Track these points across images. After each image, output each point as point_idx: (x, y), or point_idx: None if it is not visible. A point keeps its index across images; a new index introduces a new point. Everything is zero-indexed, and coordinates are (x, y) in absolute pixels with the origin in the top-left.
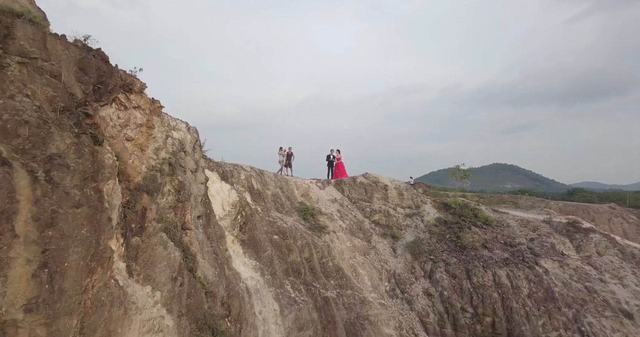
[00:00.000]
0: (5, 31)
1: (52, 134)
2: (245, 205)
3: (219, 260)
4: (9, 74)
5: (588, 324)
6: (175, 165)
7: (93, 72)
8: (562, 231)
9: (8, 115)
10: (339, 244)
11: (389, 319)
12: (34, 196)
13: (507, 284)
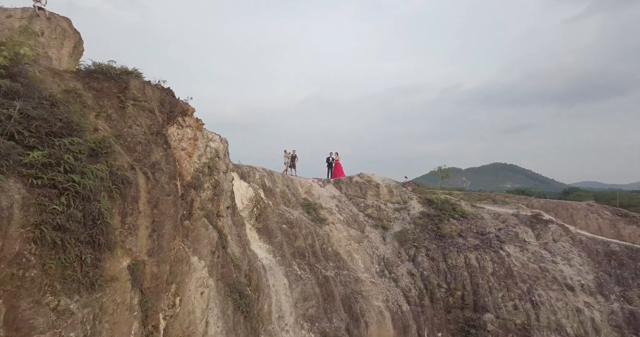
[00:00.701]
0: (124, 85)
1: (153, 149)
2: (260, 200)
3: (242, 242)
4: (127, 112)
5: (538, 295)
6: (212, 168)
7: (167, 105)
8: (526, 222)
9: (130, 138)
10: (337, 233)
11: (378, 294)
12: (147, 188)
13: (475, 265)
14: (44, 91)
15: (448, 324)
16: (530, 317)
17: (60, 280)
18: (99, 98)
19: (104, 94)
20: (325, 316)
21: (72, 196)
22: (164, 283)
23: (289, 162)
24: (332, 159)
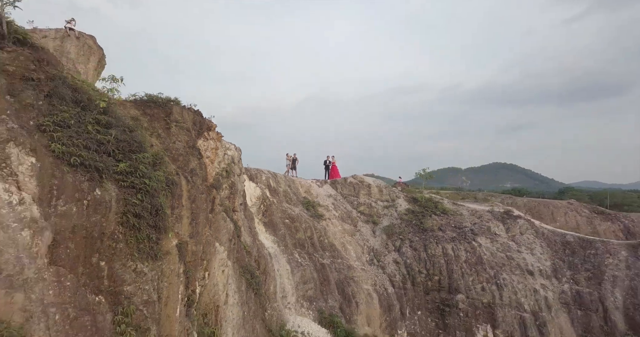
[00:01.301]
0: (169, 110)
1: (190, 159)
2: (266, 198)
3: (252, 233)
4: (171, 131)
5: (502, 279)
6: (229, 172)
7: (197, 123)
8: (498, 217)
9: (174, 151)
10: (332, 227)
11: (367, 279)
12: (187, 188)
13: (451, 254)
14: (125, 120)
15: (426, 304)
16: (495, 297)
17: (136, 251)
18: (152, 121)
19: (155, 118)
20: (321, 296)
21: (144, 193)
22: (199, 259)
23: (290, 164)
24: (329, 162)
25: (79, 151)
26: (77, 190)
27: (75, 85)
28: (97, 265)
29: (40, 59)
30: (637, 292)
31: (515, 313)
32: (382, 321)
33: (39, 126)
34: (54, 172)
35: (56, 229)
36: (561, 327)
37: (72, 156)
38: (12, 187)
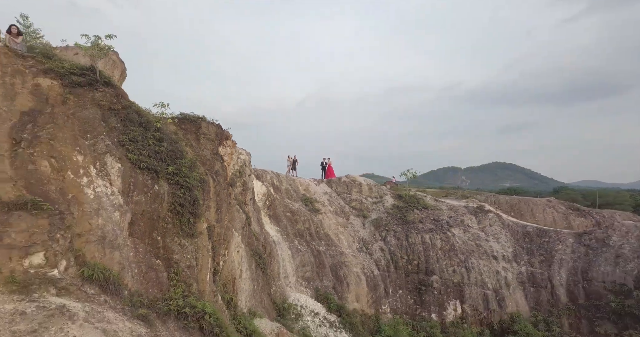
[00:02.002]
0: (199, 125)
1: (215, 163)
2: (270, 194)
3: (259, 223)
4: (200, 142)
5: (471, 263)
6: (242, 172)
7: (219, 134)
8: (472, 212)
9: (203, 157)
10: (327, 220)
11: (357, 263)
12: (214, 184)
13: (428, 242)
14: (170, 135)
15: (406, 284)
16: (463, 278)
17: (180, 230)
18: (186, 134)
19: (188, 131)
20: (318, 278)
21: (185, 189)
22: (222, 239)
23: (291, 165)
24: (325, 163)
25: (144, 159)
26: (144, 185)
27: (139, 111)
28: (156, 239)
29: (118, 95)
30: (577, 271)
31: (480, 290)
32: (369, 298)
33: (120, 142)
34: (131, 173)
35: (133, 212)
36: (517, 302)
37: (141, 162)
38: (107, 183)
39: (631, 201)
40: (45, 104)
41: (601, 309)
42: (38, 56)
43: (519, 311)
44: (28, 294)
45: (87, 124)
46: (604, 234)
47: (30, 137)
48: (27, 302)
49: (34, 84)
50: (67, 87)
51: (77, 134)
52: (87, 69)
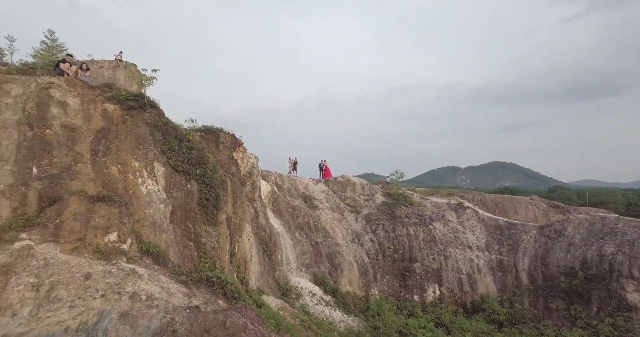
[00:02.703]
0: (218, 135)
1: (231, 166)
2: (274, 192)
3: (265, 217)
4: (219, 149)
5: (449, 252)
6: (251, 173)
7: (233, 142)
8: (453, 208)
9: (222, 161)
10: (324, 215)
11: (350, 252)
12: (230, 184)
13: (412, 234)
14: (197, 144)
15: (393, 270)
16: (442, 264)
17: (206, 220)
18: (207, 142)
19: (209, 140)
20: (315, 264)
21: (210, 187)
22: (237, 228)
23: (292, 166)
24: (323, 165)
25: (180, 164)
26: (180, 184)
27: (174, 126)
28: (189, 226)
29: (159, 114)
30: (538, 258)
31: (456, 275)
32: (360, 282)
33: (162, 151)
34: (171, 175)
35: (172, 204)
36: (487, 284)
37: (178, 166)
38: (155, 182)
39: (623, 199)
40: (111, 123)
41: (554, 289)
42: (102, 87)
43: (488, 292)
44: (109, 260)
45: (140, 138)
46: (561, 226)
47: (104, 149)
48: (110, 266)
49: (103, 108)
50: (125, 110)
51: (134, 145)
52: (138, 95)
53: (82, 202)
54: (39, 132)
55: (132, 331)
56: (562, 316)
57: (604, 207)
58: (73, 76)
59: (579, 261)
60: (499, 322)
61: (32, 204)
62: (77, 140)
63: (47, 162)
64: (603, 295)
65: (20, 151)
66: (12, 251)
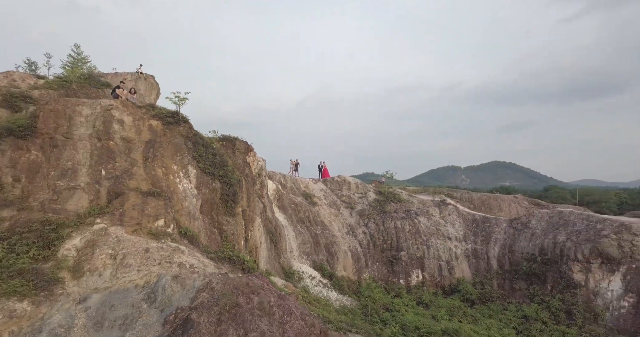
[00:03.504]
0: (234, 143)
1: (245, 168)
2: (279, 190)
3: (272, 211)
4: (235, 154)
5: (431, 242)
6: (260, 174)
7: (246, 148)
8: (436, 204)
9: (237, 165)
10: (322, 210)
11: (344, 243)
12: (245, 183)
13: (400, 227)
14: (218, 150)
15: (382, 258)
16: (425, 253)
17: (226, 211)
18: (226, 149)
19: (227, 147)
20: (315, 253)
21: (229, 186)
22: (249, 219)
23: (294, 167)
24: (321, 166)
25: (207, 167)
26: (207, 183)
27: (201, 137)
28: (213, 216)
29: (190, 127)
30: (506, 246)
31: (436, 262)
32: (353, 268)
33: (194, 157)
34: (200, 176)
35: (202, 199)
36: (463, 270)
37: (205, 169)
38: (188, 182)
39: (615, 199)
40: (156, 135)
41: (518, 272)
42: (147, 106)
43: (464, 276)
44: (159, 240)
45: (177, 147)
46: (526, 220)
47: (152, 156)
48: (161, 243)
49: (149, 124)
50: (165, 125)
51: (173, 153)
52: (174, 113)
53: (138, 196)
54: (105, 143)
55: (182, 288)
56: (523, 294)
57: (596, 205)
58: (125, 99)
59: (538, 248)
60: (471, 301)
61: (102, 197)
62: (132, 149)
63: (111, 166)
64: (555, 276)
65: (92, 158)
66: (93, 231)
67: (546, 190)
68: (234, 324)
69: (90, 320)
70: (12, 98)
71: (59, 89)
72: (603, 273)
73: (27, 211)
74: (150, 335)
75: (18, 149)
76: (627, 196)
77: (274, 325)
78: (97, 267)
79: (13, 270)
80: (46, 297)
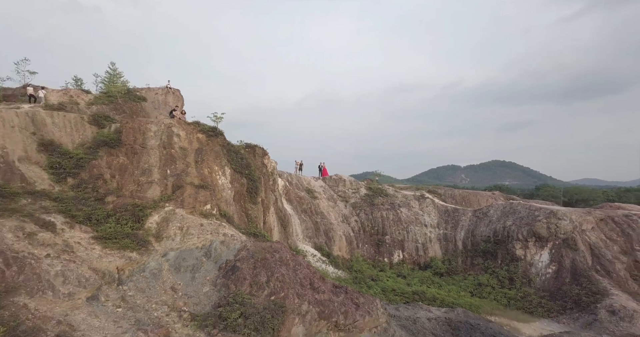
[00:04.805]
0: (254, 149)
1: (263, 168)
2: (287, 186)
3: (281, 202)
4: (256, 158)
5: (410, 228)
6: (273, 172)
7: (263, 153)
8: (417, 198)
9: (258, 165)
10: (322, 203)
11: (340, 229)
12: (264, 179)
13: (385, 216)
14: (244, 155)
15: (370, 241)
16: (405, 237)
17: (250, 200)
18: (249, 153)
19: (249, 152)
20: (316, 236)
21: (253, 181)
22: (266, 208)
23: (298, 167)
24: (321, 166)
25: (237, 167)
26: (237, 179)
27: (232, 145)
28: (242, 203)
29: (224, 138)
30: (470, 231)
31: (414, 244)
32: (347, 249)
33: (228, 160)
34: (232, 174)
35: (234, 191)
36: (435, 250)
37: (236, 169)
38: (225, 178)
39: (602, 197)
40: (202, 145)
41: (477, 251)
42: (194, 124)
43: (436, 255)
44: (208, 218)
45: (216, 153)
46: (487, 210)
47: (200, 160)
48: (209, 220)
49: (197, 136)
50: (208, 137)
51: (214, 157)
52: (214, 128)
53: (192, 188)
54: (168, 151)
55: (227, 248)
56: (480, 268)
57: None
58: (179, 118)
59: (493, 231)
60: (440, 273)
61: (169, 189)
62: (187, 155)
63: (173, 167)
64: (504, 252)
65: (161, 161)
66: (165, 211)
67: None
68: (264, 269)
69: (171, 266)
70: (98, 118)
71: (109, 104)
72: (536, 249)
73: (122, 197)
74: (211, 275)
75: (111, 155)
76: (614, 194)
77: (289, 270)
78: (171, 235)
79: (123, 234)
80: (144, 251)
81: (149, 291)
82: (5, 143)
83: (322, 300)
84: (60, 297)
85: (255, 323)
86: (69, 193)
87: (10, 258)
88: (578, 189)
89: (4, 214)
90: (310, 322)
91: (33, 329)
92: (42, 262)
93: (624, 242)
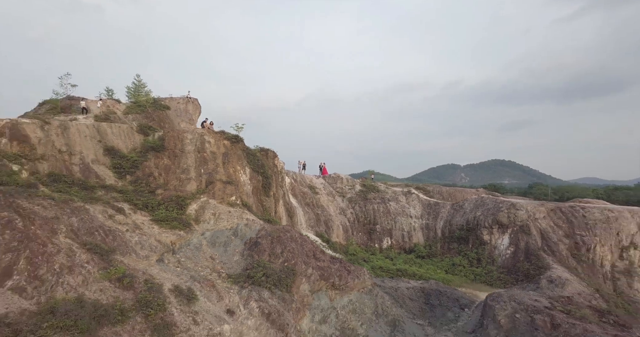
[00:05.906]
0: (267, 153)
1: (274, 168)
2: (292, 183)
3: (288, 196)
4: (268, 159)
5: (397, 219)
6: (281, 171)
7: (273, 155)
8: (405, 193)
9: (270, 165)
10: (322, 198)
11: (337, 220)
12: (275, 177)
13: (376, 209)
14: (260, 157)
15: (363, 230)
16: (393, 226)
17: (264, 194)
18: (262, 155)
19: (263, 154)
20: (317, 225)
21: (266, 178)
22: (276, 200)
23: (301, 167)
24: (321, 166)
25: (254, 167)
26: (255, 177)
27: (250, 149)
28: (258, 196)
29: (244, 144)
30: (448, 222)
31: (401, 232)
32: (343, 236)
33: (247, 161)
34: (251, 172)
35: (252, 186)
36: (418, 237)
37: (254, 168)
38: (246, 176)
39: (593, 194)
40: (227, 149)
41: (453, 237)
42: (220, 132)
43: (419, 242)
44: (234, 207)
45: (238, 156)
46: (462, 203)
47: (226, 161)
48: (235, 209)
49: (223, 143)
50: (231, 143)
51: (237, 159)
52: (236, 136)
53: (221, 184)
54: (202, 154)
55: (249, 229)
56: (455, 251)
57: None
58: (208, 128)
59: (466, 221)
60: (422, 256)
61: (203, 184)
62: (216, 158)
63: (206, 167)
64: (474, 238)
65: (196, 162)
66: (201, 201)
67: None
68: (279, 244)
69: (208, 242)
70: (144, 128)
71: (141, 112)
72: (499, 234)
73: (168, 191)
74: (239, 248)
75: (157, 157)
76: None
77: (298, 245)
78: (207, 219)
79: (172, 218)
80: (188, 231)
81: (194, 258)
82: (82, 149)
83: (323, 266)
84: (141, 257)
85: (274, 280)
86: (129, 187)
87: (107, 231)
88: (570, 188)
89: (92, 200)
90: (314, 282)
91: (132, 275)
92: (125, 234)
93: (567, 228)
